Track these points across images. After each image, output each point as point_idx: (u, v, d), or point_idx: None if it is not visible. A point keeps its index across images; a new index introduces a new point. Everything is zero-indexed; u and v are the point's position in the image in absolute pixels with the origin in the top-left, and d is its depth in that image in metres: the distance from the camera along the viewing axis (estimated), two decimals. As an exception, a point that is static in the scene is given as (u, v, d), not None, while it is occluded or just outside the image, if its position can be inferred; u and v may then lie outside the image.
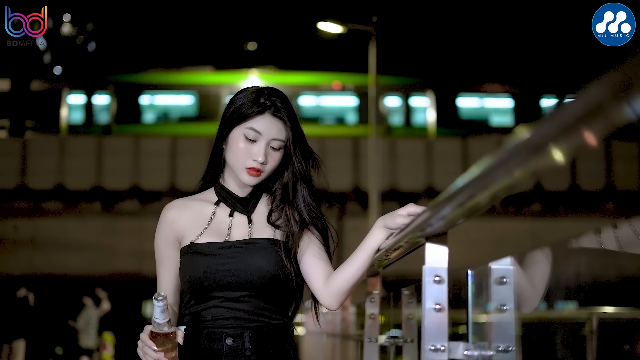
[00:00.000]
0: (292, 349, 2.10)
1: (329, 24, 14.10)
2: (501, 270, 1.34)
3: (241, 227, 2.14)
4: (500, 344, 1.31)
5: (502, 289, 1.33)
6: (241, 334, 2.03)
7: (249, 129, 2.07)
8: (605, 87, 0.70)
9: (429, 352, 1.42)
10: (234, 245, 2.09)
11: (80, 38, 25.82)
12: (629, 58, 0.67)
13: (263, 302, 2.05)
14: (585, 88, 0.72)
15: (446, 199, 1.21)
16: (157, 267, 2.16)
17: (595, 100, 0.71)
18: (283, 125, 2.10)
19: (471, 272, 1.41)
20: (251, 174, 2.08)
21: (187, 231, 2.13)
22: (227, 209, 2.16)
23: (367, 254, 1.97)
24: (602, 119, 0.71)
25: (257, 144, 2.07)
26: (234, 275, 2.04)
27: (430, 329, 1.43)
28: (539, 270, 1.73)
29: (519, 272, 1.58)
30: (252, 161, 2.07)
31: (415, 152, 18.19)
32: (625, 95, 0.67)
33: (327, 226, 2.16)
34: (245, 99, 2.10)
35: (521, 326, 1.36)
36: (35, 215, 17.77)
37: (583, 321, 1.60)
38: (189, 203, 2.19)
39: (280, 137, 2.09)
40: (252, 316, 2.04)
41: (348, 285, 2.03)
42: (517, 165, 0.91)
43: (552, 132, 0.79)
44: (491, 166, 0.97)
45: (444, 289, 1.47)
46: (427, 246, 1.50)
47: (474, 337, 1.39)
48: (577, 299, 1.66)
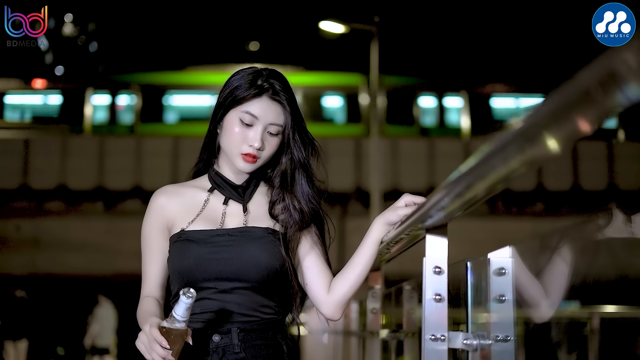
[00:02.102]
0: (286, 344, 1.97)
1: (331, 24, 14.12)
2: (500, 262, 1.36)
3: (236, 215, 2.00)
4: (499, 333, 1.33)
5: (501, 280, 1.35)
6: (229, 330, 1.90)
7: (245, 112, 1.95)
8: (594, 73, 0.71)
9: (429, 341, 1.44)
10: (228, 234, 1.95)
11: (82, 38, 25.85)
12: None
13: (257, 295, 1.92)
14: (575, 75, 0.74)
15: (444, 190, 1.23)
16: (143, 258, 2.01)
17: (584, 87, 0.72)
18: (282, 110, 1.97)
19: (470, 264, 1.43)
20: (247, 160, 1.95)
21: (177, 218, 1.99)
22: (221, 197, 2.03)
23: (369, 257, 1.92)
24: (593, 105, 0.72)
25: (253, 128, 1.95)
26: (226, 264, 1.90)
27: (430, 319, 1.45)
28: (556, 279, 1.69)
29: (533, 282, 1.56)
30: (247, 147, 1.94)
31: (417, 151, 18.21)
32: (614, 81, 0.68)
33: (325, 218, 2.04)
34: (242, 80, 1.97)
35: (523, 325, 1.38)
36: (37, 215, 17.79)
37: (585, 320, 1.60)
38: (180, 189, 2.05)
39: (278, 122, 1.97)
40: (243, 310, 1.91)
41: (352, 292, 1.97)
42: (513, 154, 0.93)
43: (545, 121, 0.81)
44: (486, 155, 0.98)
45: (443, 280, 1.49)
46: (427, 238, 1.53)
47: (473, 326, 1.41)
48: (578, 299, 1.66)
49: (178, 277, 1.92)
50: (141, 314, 1.90)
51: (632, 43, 0.67)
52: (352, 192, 17.68)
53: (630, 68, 0.67)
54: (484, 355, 1.35)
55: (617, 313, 1.68)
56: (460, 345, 1.41)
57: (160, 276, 1.99)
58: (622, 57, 0.67)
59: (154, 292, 1.98)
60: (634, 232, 1.93)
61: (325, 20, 14.03)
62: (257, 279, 1.91)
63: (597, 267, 1.74)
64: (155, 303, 1.94)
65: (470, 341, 1.39)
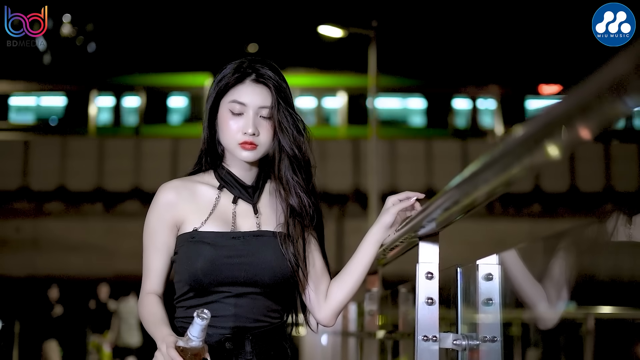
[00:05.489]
0: (289, 347, 1.97)
1: (329, 28, 14.19)
2: (488, 267, 1.46)
3: (247, 216, 1.96)
4: (486, 334, 1.43)
5: (489, 285, 1.45)
6: (242, 338, 1.88)
7: (233, 102, 1.92)
8: (596, 82, 0.74)
9: (421, 341, 1.54)
10: (243, 237, 1.91)
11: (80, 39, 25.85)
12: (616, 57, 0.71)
13: (267, 300, 1.90)
14: (577, 85, 0.77)
15: (435, 203, 1.33)
16: (145, 253, 1.95)
17: (586, 95, 0.76)
18: (268, 92, 1.93)
19: (460, 269, 1.53)
20: (246, 149, 1.91)
21: (188, 216, 1.93)
22: (229, 195, 1.98)
23: (366, 262, 1.93)
24: (595, 113, 0.75)
25: (244, 116, 1.91)
26: (241, 269, 1.87)
27: (422, 321, 1.55)
28: (555, 282, 1.68)
29: (533, 285, 1.56)
30: (242, 135, 1.90)
31: (415, 153, 18.29)
32: (617, 92, 0.70)
33: (318, 205, 1.99)
34: (227, 70, 1.96)
35: (520, 326, 1.45)
36: (37, 216, 17.86)
37: (580, 321, 1.65)
38: (189, 184, 1.98)
39: (267, 105, 1.93)
40: (255, 315, 1.89)
41: (348, 299, 1.97)
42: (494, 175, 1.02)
43: (523, 140, 0.89)
44: (469, 176, 1.08)
45: (435, 284, 1.59)
46: (420, 245, 1.62)
47: (462, 327, 1.51)
48: (574, 299, 1.68)
49: (190, 279, 1.87)
50: (147, 315, 1.88)
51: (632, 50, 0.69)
52: (350, 194, 17.76)
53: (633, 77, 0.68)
54: (473, 355, 1.45)
55: (612, 314, 1.71)
56: (451, 345, 1.51)
57: (163, 272, 1.94)
58: (625, 66, 0.69)
59: (156, 288, 1.94)
60: (632, 233, 1.97)
61: (323, 25, 14.11)
62: (271, 284, 1.89)
63: (593, 267, 1.75)
64: (159, 304, 1.91)
65: (459, 341, 1.49)
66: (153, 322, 1.84)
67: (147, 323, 1.86)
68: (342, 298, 1.96)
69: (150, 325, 1.85)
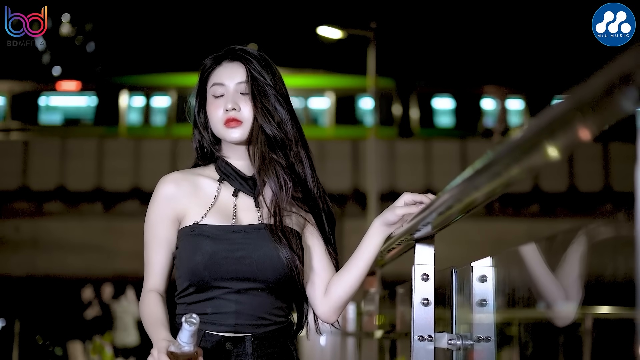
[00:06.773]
0: (294, 348, 1.91)
1: (328, 29, 14.21)
2: (482, 269, 1.50)
3: (248, 209, 1.90)
4: (481, 334, 1.47)
5: (483, 286, 1.49)
6: (242, 339, 1.82)
7: (213, 85, 1.90)
8: (597, 82, 0.75)
9: (417, 341, 1.58)
10: (244, 230, 1.85)
11: (79, 38, 25.87)
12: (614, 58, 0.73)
13: (271, 297, 1.84)
14: (576, 85, 0.78)
15: (430, 208, 1.37)
16: (146, 248, 1.89)
17: (585, 95, 0.77)
18: (244, 67, 1.90)
19: (455, 271, 1.57)
20: (231, 126, 1.86)
21: (189, 209, 1.88)
22: (229, 188, 1.92)
23: (368, 259, 1.87)
24: (595, 113, 0.76)
25: (225, 96, 1.88)
26: (243, 263, 1.81)
27: (418, 321, 1.59)
28: (571, 268, 1.66)
29: (552, 280, 1.55)
30: (224, 112, 1.87)
31: (414, 153, 18.33)
32: (619, 90, 0.72)
33: (323, 194, 1.94)
34: (206, 60, 1.96)
35: (517, 325, 1.47)
36: (36, 216, 17.89)
37: (578, 321, 1.67)
38: (189, 177, 1.93)
39: (244, 80, 1.89)
40: (257, 312, 1.82)
41: (349, 295, 1.92)
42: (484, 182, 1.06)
43: (511, 148, 0.93)
44: (462, 182, 1.13)
45: (430, 286, 1.63)
46: (416, 247, 1.67)
47: (457, 327, 1.55)
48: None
49: (190, 274, 1.82)
50: (147, 316, 1.84)
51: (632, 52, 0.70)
52: (349, 194, 17.79)
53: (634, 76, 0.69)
54: (467, 354, 1.49)
55: (610, 314, 1.72)
56: (446, 345, 1.56)
57: (165, 268, 1.89)
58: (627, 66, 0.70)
59: (158, 284, 1.88)
60: (629, 233, 1.96)
61: (322, 26, 14.13)
62: (274, 280, 1.82)
63: (592, 267, 1.75)
64: (159, 303, 1.86)
65: (454, 341, 1.53)
66: (151, 323, 1.81)
67: (146, 323, 1.83)
68: (342, 294, 1.89)
69: (148, 326, 1.81)
